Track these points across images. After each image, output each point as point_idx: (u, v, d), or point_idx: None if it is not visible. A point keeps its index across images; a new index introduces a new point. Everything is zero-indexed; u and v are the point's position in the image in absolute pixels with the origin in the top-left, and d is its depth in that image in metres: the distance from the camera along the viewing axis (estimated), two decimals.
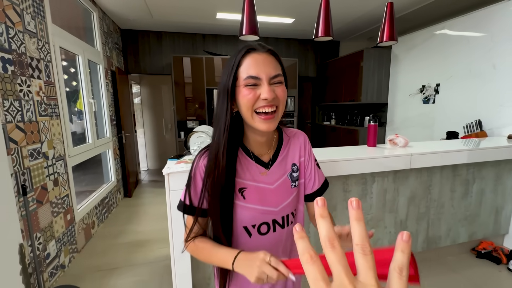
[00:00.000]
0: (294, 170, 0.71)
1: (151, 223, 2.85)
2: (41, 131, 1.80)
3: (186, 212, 0.65)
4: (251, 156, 0.67)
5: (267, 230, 0.67)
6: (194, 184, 0.64)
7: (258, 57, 0.58)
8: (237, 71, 0.58)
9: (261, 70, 0.57)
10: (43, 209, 1.78)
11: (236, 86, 0.59)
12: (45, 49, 1.92)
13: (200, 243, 0.65)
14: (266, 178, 0.67)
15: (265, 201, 0.66)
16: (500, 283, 1.84)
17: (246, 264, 0.54)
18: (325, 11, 1.49)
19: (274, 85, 0.59)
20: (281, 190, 0.68)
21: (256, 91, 0.57)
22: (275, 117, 0.60)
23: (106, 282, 1.88)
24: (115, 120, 3.49)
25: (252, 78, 0.57)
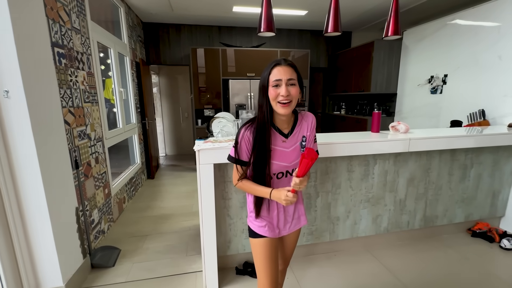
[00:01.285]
0: (303, 140, 1.07)
1: (173, 200, 3.18)
2: (85, 115, 2.10)
3: (235, 162, 1.03)
4: (276, 129, 1.03)
5: (282, 176, 1.05)
6: (240, 146, 1.00)
7: (281, 69, 0.94)
8: (269, 77, 0.94)
9: (281, 76, 0.93)
10: (89, 182, 2.10)
11: (268, 86, 0.95)
12: (87, 43, 2.19)
13: (245, 182, 1.04)
14: (286, 144, 1.03)
15: (284, 159, 1.03)
16: (490, 258, 2.02)
17: (277, 196, 0.97)
18: (335, 8, 1.67)
19: (289, 86, 0.94)
20: (294, 153, 1.04)
21: (278, 90, 0.93)
22: (289, 105, 0.95)
23: (141, 245, 2.21)
24: (139, 108, 3.79)
25: (276, 81, 0.93)
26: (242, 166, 1.02)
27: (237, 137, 1.01)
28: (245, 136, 0.99)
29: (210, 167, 1.52)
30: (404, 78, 3.75)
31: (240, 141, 1.00)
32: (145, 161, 3.95)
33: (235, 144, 1.01)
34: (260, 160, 0.98)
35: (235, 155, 1.02)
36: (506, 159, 2.25)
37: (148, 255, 2.08)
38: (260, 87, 0.97)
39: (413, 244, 2.19)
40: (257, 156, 0.98)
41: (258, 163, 0.99)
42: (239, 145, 1.00)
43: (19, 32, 1.32)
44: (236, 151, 1.01)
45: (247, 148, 1.00)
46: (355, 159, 1.91)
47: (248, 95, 4.09)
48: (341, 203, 1.98)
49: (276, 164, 1.02)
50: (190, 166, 4.78)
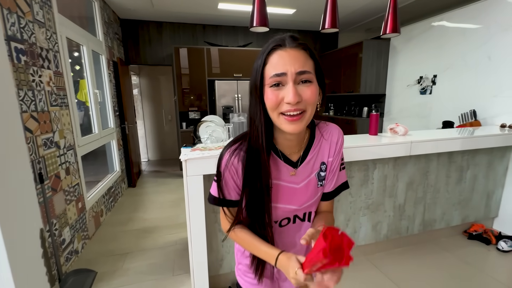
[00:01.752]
0: (323, 169, 0.68)
1: (156, 211, 2.93)
2: (53, 121, 1.84)
3: (218, 204, 0.67)
4: (280, 155, 0.65)
5: (287, 223, 0.70)
6: (224, 180, 0.64)
7: (283, 54, 0.53)
8: (264, 69, 0.55)
9: (286, 67, 0.53)
10: (58, 196, 1.83)
11: (263, 85, 0.56)
12: (53, 39, 1.93)
13: (239, 233, 0.67)
14: (294, 178, 0.66)
15: (290, 200, 0.67)
16: (488, 261, 1.98)
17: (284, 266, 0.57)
18: (332, 3, 1.55)
19: (302, 84, 0.54)
20: (307, 190, 0.67)
21: (280, 92, 0.54)
22: (301, 118, 0.55)
23: (120, 265, 1.97)
24: (118, 111, 3.51)
25: (276, 75, 0.53)
26: (230, 207, 0.68)
27: (219, 166, 0.64)
28: (231, 166, 0.63)
29: (199, 178, 1.34)
30: (393, 79, 3.73)
31: (224, 172, 0.63)
32: (125, 168, 3.66)
33: (217, 177, 0.65)
34: (255, 202, 0.63)
35: (219, 194, 0.65)
36: (500, 160, 2.24)
37: (129, 276, 1.85)
38: (251, 87, 0.59)
39: (412, 250, 2.11)
40: (250, 197, 0.63)
41: (252, 207, 0.64)
42: (223, 179, 0.64)
43: None
44: (220, 188, 0.65)
45: (235, 182, 0.64)
46: (355, 164, 1.80)
47: (235, 97, 3.91)
48: (340, 211, 1.85)
49: (280, 208, 0.67)
50: (174, 172, 4.52)
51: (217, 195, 0.66)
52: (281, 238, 0.70)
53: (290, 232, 0.71)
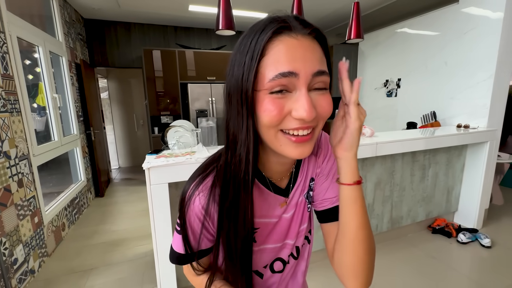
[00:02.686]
0: (311, 187, 0.54)
1: (126, 221, 2.78)
2: (1, 128, 1.67)
3: (186, 263, 0.50)
4: (268, 185, 0.49)
5: (282, 267, 0.54)
6: (192, 230, 0.47)
7: (294, 44, 0.36)
8: (259, 65, 0.36)
9: (299, 65, 0.35)
10: (8, 212, 1.66)
11: (255, 90, 0.37)
12: (1, 39, 1.76)
13: None
14: (285, 209, 0.51)
15: (279, 236, 0.52)
16: (450, 253, 2.11)
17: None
18: (298, 11, 1.56)
19: (316, 91, 0.38)
20: (297, 216, 0.53)
21: (286, 103, 0.37)
22: (312, 138, 0.40)
23: (83, 283, 1.82)
24: (82, 116, 3.29)
25: (284, 76, 0.35)
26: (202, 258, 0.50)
27: (183, 212, 0.47)
28: (201, 212, 0.45)
29: (164, 187, 1.28)
30: (362, 82, 3.88)
31: (191, 221, 0.46)
32: (92, 177, 3.44)
33: (182, 228, 0.47)
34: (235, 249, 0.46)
35: (186, 249, 0.48)
36: (457, 158, 2.40)
37: None
38: (233, 91, 0.39)
39: (382, 247, 2.18)
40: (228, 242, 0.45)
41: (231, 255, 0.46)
42: (189, 230, 0.47)
43: None
44: (187, 241, 0.47)
45: (208, 230, 0.47)
46: None
47: (209, 100, 3.85)
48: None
49: (267, 250, 0.52)
50: None
51: (183, 251, 0.48)
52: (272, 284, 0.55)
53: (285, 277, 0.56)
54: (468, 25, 2.43)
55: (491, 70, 2.26)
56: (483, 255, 2.08)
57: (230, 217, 0.44)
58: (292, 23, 0.37)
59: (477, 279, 1.81)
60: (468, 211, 2.47)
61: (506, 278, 1.79)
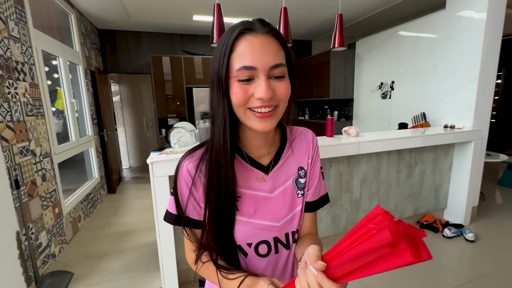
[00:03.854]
0: (301, 175, 0.58)
1: (135, 214, 3.03)
2: (28, 130, 1.94)
3: (175, 223, 0.55)
4: (245, 158, 0.55)
5: (267, 251, 0.56)
6: (181, 193, 0.53)
7: (254, 41, 0.45)
8: (230, 58, 0.46)
9: (257, 59, 0.45)
10: (34, 202, 1.92)
11: (229, 78, 0.47)
12: (28, 52, 2.03)
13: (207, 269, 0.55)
14: (265, 185, 0.56)
15: (264, 214, 0.55)
16: (435, 246, 2.23)
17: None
18: (284, 22, 1.76)
19: (274, 79, 0.47)
20: (284, 200, 0.57)
21: (250, 87, 0.46)
22: (273, 114, 0.48)
23: (96, 266, 2.07)
24: (96, 119, 3.58)
25: (246, 69, 0.45)
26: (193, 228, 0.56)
27: (176, 178, 0.55)
28: (187, 176, 0.53)
29: (164, 179, 1.50)
30: (359, 84, 4.03)
31: (181, 184, 0.54)
32: (105, 175, 3.72)
33: (174, 191, 0.55)
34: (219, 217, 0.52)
35: (177, 210, 0.54)
36: (444, 157, 2.52)
37: (105, 276, 1.95)
38: (213, 79, 0.49)
39: None
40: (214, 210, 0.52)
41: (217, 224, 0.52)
42: (179, 191, 0.54)
43: None
44: (178, 203, 0.54)
45: (195, 197, 0.54)
46: None
47: None
48: None
49: (249, 224, 0.55)
50: None
51: (175, 212, 0.54)
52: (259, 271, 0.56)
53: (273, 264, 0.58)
54: (454, 31, 2.55)
55: (475, 73, 2.38)
56: (466, 248, 2.19)
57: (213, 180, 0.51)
58: (254, 25, 0.47)
59: (457, 270, 1.93)
60: (456, 208, 2.58)
61: (484, 269, 1.91)
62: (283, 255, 0.58)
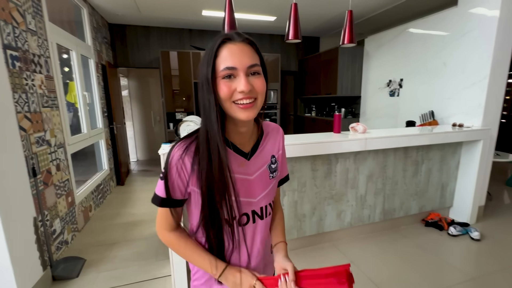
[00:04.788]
0: (273, 161, 0.72)
1: (144, 206, 3.10)
2: (44, 121, 2.01)
3: (162, 205, 0.62)
4: (229, 146, 0.65)
5: (246, 220, 0.68)
6: (171, 177, 0.60)
7: (233, 47, 0.56)
8: (215, 62, 0.56)
9: (236, 61, 0.55)
10: (49, 190, 2.00)
11: (215, 78, 0.57)
12: (44, 45, 2.09)
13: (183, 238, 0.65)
14: (246, 169, 0.67)
15: (245, 192, 0.66)
16: (440, 244, 2.24)
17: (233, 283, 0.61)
18: (294, 18, 1.77)
19: (252, 76, 0.58)
20: (260, 181, 0.69)
21: (232, 84, 0.57)
22: (253, 105, 0.59)
23: (107, 254, 2.14)
24: (107, 112, 3.66)
25: (228, 69, 0.56)
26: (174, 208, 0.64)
27: (166, 163, 0.61)
28: (180, 162, 0.60)
29: None
30: (366, 82, 4.01)
31: (171, 169, 0.60)
32: (114, 167, 3.81)
33: (164, 175, 0.61)
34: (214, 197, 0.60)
35: (165, 193, 0.61)
36: (452, 155, 2.52)
37: (116, 263, 2.02)
38: (202, 80, 0.59)
39: (374, 236, 2.36)
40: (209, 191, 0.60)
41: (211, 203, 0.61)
42: (170, 177, 0.60)
43: None
44: (167, 186, 0.61)
45: (182, 180, 0.61)
46: (318, 158, 2.03)
47: None
48: (307, 200, 2.08)
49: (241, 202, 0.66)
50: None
51: (164, 195, 0.61)
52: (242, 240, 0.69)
53: (251, 231, 0.70)
54: (465, 28, 2.52)
55: (486, 72, 2.36)
56: (471, 247, 2.20)
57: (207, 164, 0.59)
58: (232, 36, 0.58)
59: (462, 267, 1.95)
60: (462, 207, 2.58)
61: (489, 267, 1.92)
62: (258, 224, 0.71)
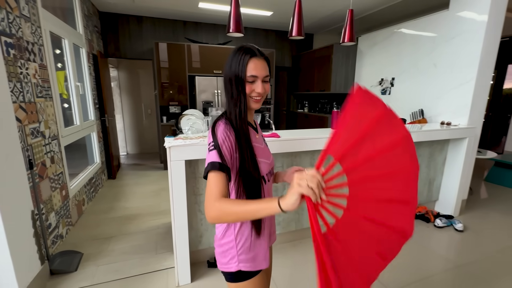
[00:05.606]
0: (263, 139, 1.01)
1: (138, 200, 3.07)
2: (38, 111, 1.93)
3: (220, 169, 0.73)
4: (250, 125, 0.89)
5: (270, 177, 0.91)
6: (220, 142, 0.76)
7: (258, 62, 0.80)
8: (246, 69, 0.79)
9: (258, 72, 0.80)
10: (44, 183, 1.94)
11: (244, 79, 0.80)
12: (38, 33, 2.00)
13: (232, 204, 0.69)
14: (259, 140, 0.91)
15: (265, 156, 0.89)
16: (426, 235, 2.39)
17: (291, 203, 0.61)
18: (298, 15, 1.80)
19: (264, 83, 0.82)
20: (267, 149, 0.95)
21: (253, 85, 0.81)
22: (261, 100, 0.85)
23: (105, 248, 2.12)
24: (98, 104, 3.55)
25: (253, 76, 0.80)
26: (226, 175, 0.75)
27: (216, 136, 0.77)
28: (227, 134, 0.78)
29: (181, 163, 1.55)
30: (359, 80, 4.12)
31: (219, 139, 0.76)
32: (105, 161, 3.72)
33: (215, 144, 0.76)
34: (248, 160, 0.79)
35: (220, 159, 0.74)
36: (439, 152, 2.66)
37: (114, 256, 2.01)
38: (233, 77, 0.80)
39: None
40: (243, 156, 0.79)
41: (245, 166, 0.79)
42: (220, 145, 0.76)
43: None
44: (220, 153, 0.75)
45: (228, 149, 0.77)
46: (317, 153, 2.09)
47: (215, 92, 4.09)
48: None
49: (264, 163, 0.87)
50: (154, 165, 4.62)
51: (219, 160, 0.74)
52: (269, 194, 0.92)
53: (270, 188, 0.92)
54: (455, 31, 2.65)
55: (473, 74, 2.50)
56: (455, 237, 2.36)
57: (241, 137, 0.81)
58: (257, 53, 0.81)
59: (447, 255, 2.09)
60: (447, 200, 2.74)
61: (471, 256, 2.08)
62: (270, 181, 0.93)
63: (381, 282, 1.77)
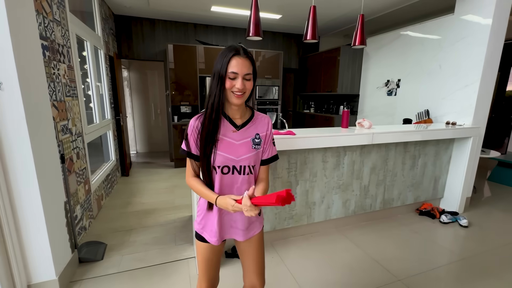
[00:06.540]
0: (257, 137, 1.01)
1: (153, 196, 3.19)
2: (67, 109, 2.06)
3: (187, 155, 0.97)
4: (227, 118, 0.98)
5: (227, 171, 0.96)
6: (189, 137, 0.95)
7: (240, 60, 0.88)
8: (227, 67, 0.88)
9: (239, 69, 0.88)
10: (72, 177, 2.06)
11: (225, 75, 0.89)
12: (66, 36, 2.13)
13: (194, 182, 0.98)
14: (235, 136, 0.97)
15: (231, 151, 0.96)
16: (432, 230, 2.48)
17: (223, 204, 0.90)
18: (313, 20, 1.91)
19: (245, 80, 0.90)
20: (243, 147, 0.98)
21: (234, 81, 0.89)
22: (243, 96, 0.92)
23: (126, 239, 2.24)
24: (113, 103, 3.68)
25: (233, 73, 0.88)
26: (194, 160, 0.98)
27: (187, 128, 0.97)
28: (194, 126, 0.95)
29: None
30: (365, 81, 4.22)
31: (190, 131, 0.95)
32: (119, 158, 3.85)
33: (185, 137, 0.97)
34: (205, 148, 0.92)
35: (187, 148, 0.96)
36: (445, 151, 2.76)
37: (136, 247, 2.12)
38: (215, 73, 0.90)
39: (375, 224, 2.57)
40: (202, 144, 0.93)
41: (203, 152, 0.93)
42: (188, 136, 0.95)
43: (13, 23, 1.31)
44: (187, 143, 0.96)
45: (194, 139, 0.95)
46: (329, 151, 2.20)
47: None
48: (317, 189, 2.25)
49: (221, 156, 0.95)
50: (165, 163, 4.74)
51: (186, 149, 0.97)
52: (222, 184, 0.98)
53: (229, 180, 0.98)
54: (460, 34, 2.75)
55: (477, 76, 2.59)
56: (460, 233, 2.45)
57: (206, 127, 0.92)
58: (240, 51, 0.90)
59: (452, 249, 2.18)
60: (452, 198, 2.83)
61: (475, 249, 2.17)
62: (236, 176, 0.98)
63: (391, 272, 1.87)
